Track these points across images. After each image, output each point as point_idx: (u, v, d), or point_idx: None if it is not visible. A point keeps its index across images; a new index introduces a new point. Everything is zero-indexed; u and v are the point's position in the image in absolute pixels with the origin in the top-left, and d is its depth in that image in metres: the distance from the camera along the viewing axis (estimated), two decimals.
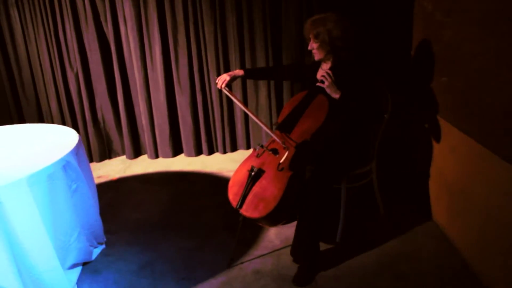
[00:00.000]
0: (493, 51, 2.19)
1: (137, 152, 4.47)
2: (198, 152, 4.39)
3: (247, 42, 3.98)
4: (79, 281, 2.53)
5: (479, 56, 2.32)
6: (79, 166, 2.43)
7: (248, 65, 4.05)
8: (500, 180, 2.15)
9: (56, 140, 2.58)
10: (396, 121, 3.11)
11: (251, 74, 2.95)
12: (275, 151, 2.55)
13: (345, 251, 2.71)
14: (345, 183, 2.71)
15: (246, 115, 4.22)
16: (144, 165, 4.29)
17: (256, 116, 2.72)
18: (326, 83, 2.47)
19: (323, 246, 2.72)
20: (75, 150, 2.43)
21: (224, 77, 2.79)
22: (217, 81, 2.81)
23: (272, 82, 4.06)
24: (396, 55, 3.44)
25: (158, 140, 4.35)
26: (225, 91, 2.78)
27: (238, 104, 2.81)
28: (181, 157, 4.41)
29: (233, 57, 4.04)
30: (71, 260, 2.46)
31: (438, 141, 2.86)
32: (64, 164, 2.29)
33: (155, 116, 4.27)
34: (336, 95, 2.48)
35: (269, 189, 2.42)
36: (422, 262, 2.58)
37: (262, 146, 2.63)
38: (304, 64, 2.86)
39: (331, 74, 2.48)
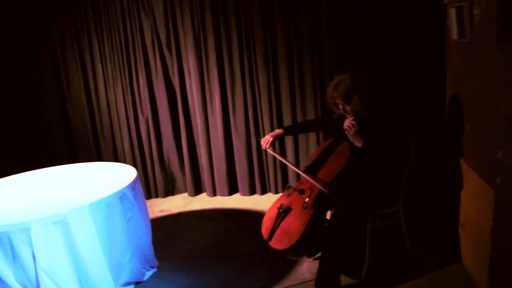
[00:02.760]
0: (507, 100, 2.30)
1: (197, 190, 4.93)
2: (252, 191, 4.74)
3: (298, 92, 4.34)
4: None
5: (493, 105, 2.48)
6: (134, 198, 2.89)
7: (298, 112, 4.39)
8: None
9: (118, 176, 3.10)
10: (425, 164, 3.28)
11: (290, 131, 3.29)
12: (301, 191, 2.86)
13: (368, 286, 2.89)
14: (369, 222, 2.92)
15: (296, 159, 4.54)
16: (203, 202, 4.72)
17: (298, 168, 3.03)
18: (351, 133, 2.74)
19: (348, 281, 2.93)
20: (132, 185, 2.91)
21: (268, 138, 3.02)
22: (261, 143, 3.05)
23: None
24: (430, 101, 3.64)
25: (216, 180, 4.78)
26: (270, 151, 3.05)
27: (282, 160, 3.17)
28: (237, 196, 4.79)
29: (285, 105, 4.41)
30: (124, 278, 2.89)
31: (462, 185, 2.99)
32: (121, 196, 2.77)
33: (214, 158, 4.71)
34: (359, 144, 2.75)
35: (293, 225, 2.71)
36: None
37: (290, 187, 2.95)
38: (332, 119, 3.10)
39: (355, 125, 2.75)
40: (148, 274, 3.18)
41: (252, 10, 4.25)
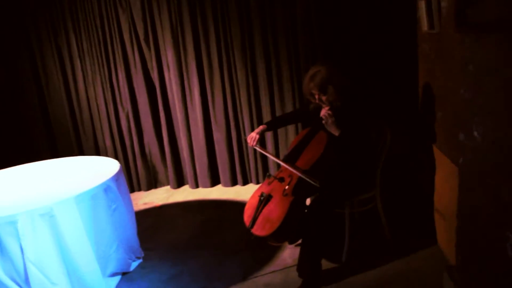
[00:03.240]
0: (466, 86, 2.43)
1: (180, 182, 5.00)
2: (234, 182, 4.83)
3: (276, 84, 4.42)
4: (117, 287, 3.03)
5: (456, 91, 2.61)
6: (118, 190, 2.95)
7: (277, 104, 4.47)
8: None
9: (102, 169, 3.16)
10: (400, 151, 3.41)
11: (272, 125, 3.34)
12: (281, 179, 2.96)
13: (349, 270, 3.00)
14: (348, 208, 3.04)
15: (276, 148, 4.63)
16: (185, 194, 4.79)
17: (285, 163, 3.04)
18: (328, 122, 2.83)
19: (329, 265, 3.05)
20: (116, 177, 2.97)
21: (254, 136, 3.08)
22: (248, 141, 3.11)
23: None
24: (404, 91, 3.77)
25: (198, 172, 4.86)
26: (257, 148, 3.12)
27: (269, 155, 3.28)
28: (219, 187, 4.87)
29: (264, 97, 4.50)
30: (111, 269, 2.96)
31: (435, 170, 3.13)
32: (105, 188, 2.83)
33: (195, 151, 4.78)
34: (335, 133, 2.86)
35: (274, 212, 2.81)
36: (420, 282, 2.82)
37: (270, 176, 3.05)
38: (309, 110, 3.20)
39: (331, 114, 2.85)
40: (134, 264, 3.25)
41: (229, 5, 4.31)
